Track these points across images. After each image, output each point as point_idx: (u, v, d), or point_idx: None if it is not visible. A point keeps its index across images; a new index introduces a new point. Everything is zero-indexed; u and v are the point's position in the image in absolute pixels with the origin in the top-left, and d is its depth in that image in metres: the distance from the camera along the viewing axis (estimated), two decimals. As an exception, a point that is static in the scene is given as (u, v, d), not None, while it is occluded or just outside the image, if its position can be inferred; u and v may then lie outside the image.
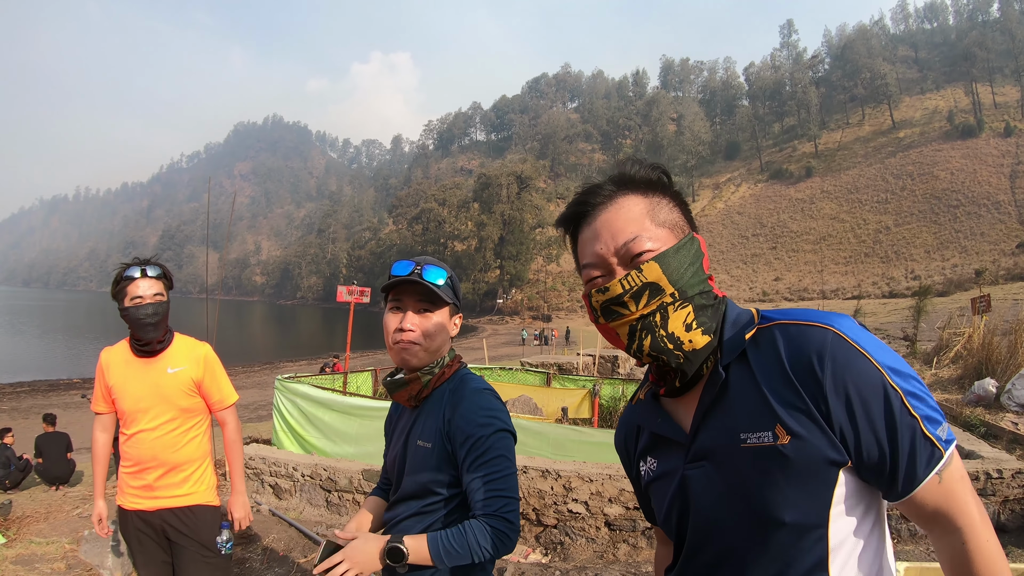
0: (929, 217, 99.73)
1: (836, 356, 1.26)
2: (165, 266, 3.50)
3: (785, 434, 1.28)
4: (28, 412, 18.24)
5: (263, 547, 6.43)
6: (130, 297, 3.30)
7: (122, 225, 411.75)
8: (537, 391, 13.02)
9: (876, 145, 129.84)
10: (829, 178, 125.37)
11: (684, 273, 1.36)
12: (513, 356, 33.87)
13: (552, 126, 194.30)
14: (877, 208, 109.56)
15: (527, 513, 6.70)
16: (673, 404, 1.51)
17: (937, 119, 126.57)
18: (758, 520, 1.31)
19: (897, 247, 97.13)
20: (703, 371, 1.42)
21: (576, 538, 6.49)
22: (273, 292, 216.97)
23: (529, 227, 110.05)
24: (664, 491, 1.51)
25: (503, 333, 76.24)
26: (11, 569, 5.63)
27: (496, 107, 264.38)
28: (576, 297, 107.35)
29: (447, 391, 2.21)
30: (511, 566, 5.61)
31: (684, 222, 1.45)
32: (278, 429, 9.99)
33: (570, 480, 6.56)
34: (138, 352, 3.45)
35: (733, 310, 1.46)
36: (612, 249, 1.40)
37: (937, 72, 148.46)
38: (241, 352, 49.94)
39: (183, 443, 3.49)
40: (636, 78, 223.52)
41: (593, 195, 1.47)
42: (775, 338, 1.35)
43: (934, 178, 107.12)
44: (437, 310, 2.18)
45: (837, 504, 1.29)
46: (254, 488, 8.19)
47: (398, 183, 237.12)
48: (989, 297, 15.19)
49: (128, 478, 3.47)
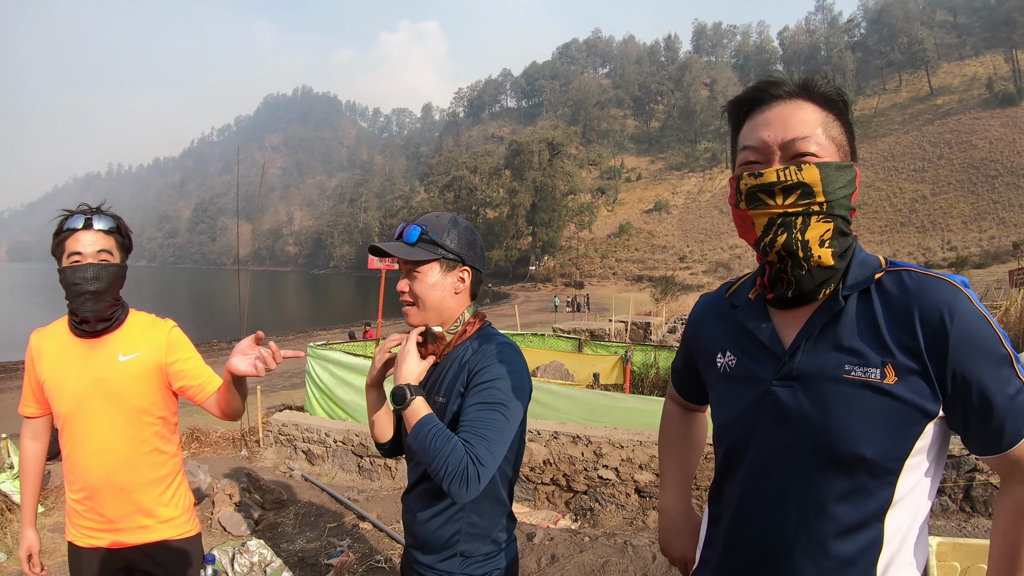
0: (967, 187, 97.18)
1: (966, 313, 1.27)
2: (121, 220, 2.62)
3: (893, 374, 1.29)
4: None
5: (295, 512, 6.47)
6: (68, 253, 2.44)
7: (155, 200, 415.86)
8: (569, 357, 13.02)
9: (913, 112, 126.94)
10: (865, 145, 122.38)
11: (838, 191, 1.36)
12: (545, 323, 33.87)
13: (583, 92, 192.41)
14: (914, 177, 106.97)
15: (557, 479, 6.69)
16: (778, 314, 1.50)
17: (976, 86, 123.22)
18: (836, 453, 1.32)
19: (934, 217, 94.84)
20: (819, 294, 1.42)
21: (606, 504, 6.47)
22: (306, 262, 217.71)
23: (561, 194, 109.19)
24: (739, 395, 1.52)
25: (535, 300, 76.17)
26: (49, 536, 5.70)
27: (526, 74, 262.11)
28: (609, 264, 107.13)
29: (468, 348, 2.15)
30: (540, 532, 5.59)
31: (850, 149, 1.44)
32: (311, 396, 10.06)
33: (600, 446, 6.53)
34: (78, 332, 2.55)
35: (862, 251, 1.46)
36: (779, 139, 1.40)
37: (976, 38, 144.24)
38: (276, 322, 50.57)
39: (144, 457, 2.60)
40: (668, 43, 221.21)
41: (775, 86, 1.45)
42: (905, 282, 1.35)
43: (972, 147, 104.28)
44: (424, 267, 2.10)
45: (915, 455, 1.32)
46: (288, 454, 8.26)
47: (429, 151, 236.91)
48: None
49: (77, 507, 2.59)
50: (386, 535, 5.84)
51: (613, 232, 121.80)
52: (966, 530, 5.50)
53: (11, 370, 25.74)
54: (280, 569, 4.95)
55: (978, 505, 5.71)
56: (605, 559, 5.02)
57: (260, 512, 6.39)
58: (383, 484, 7.45)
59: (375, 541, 5.66)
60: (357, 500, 6.80)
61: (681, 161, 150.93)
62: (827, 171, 1.35)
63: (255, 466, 8.05)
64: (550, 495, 6.78)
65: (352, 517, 6.30)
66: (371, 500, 6.87)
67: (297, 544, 5.75)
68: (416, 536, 2.18)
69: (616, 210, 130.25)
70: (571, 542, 5.37)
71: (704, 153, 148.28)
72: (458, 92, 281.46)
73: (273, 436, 8.52)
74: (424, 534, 2.14)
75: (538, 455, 6.74)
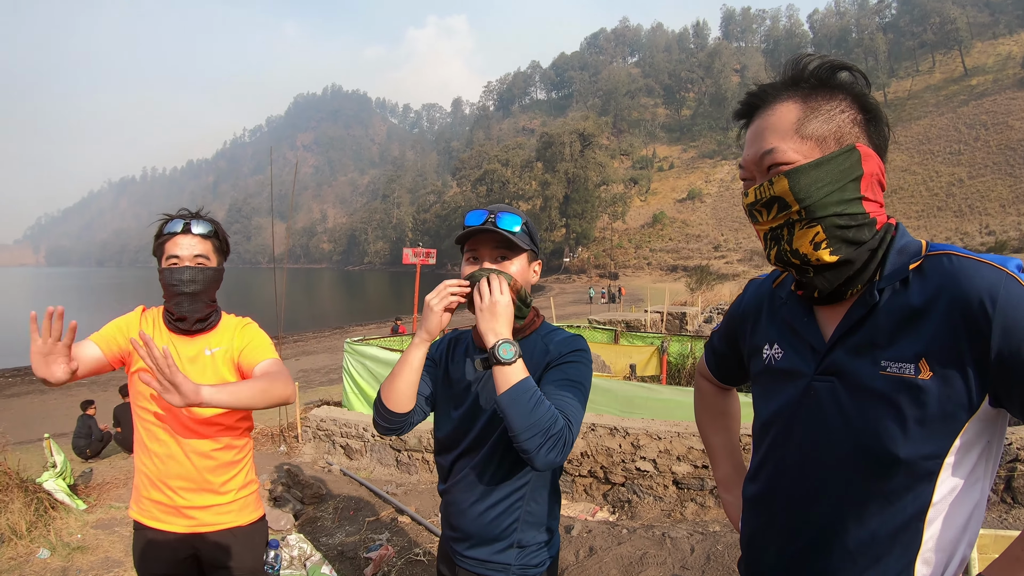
0: (1004, 169, 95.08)
1: (1012, 298, 1.18)
2: (219, 223, 2.75)
3: (928, 369, 1.23)
4: (107, 384, 18.72)
5: (334, 506, 6.50)
6: (167, 256, 2.58)
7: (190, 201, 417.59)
8: (605, 348, 12.95)
9: (947, 93, 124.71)
10: (899, 128, 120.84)
11: (818, 191, 1.30)
12: (581, 314, 33.79)
13: (613, 82, 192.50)
14: (950, 160, 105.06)
15: (595, 471, 6.67)
16: (820, 309, 1.46)
17: (1011, 65, 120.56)
18: (872, 452, 1.28)
19: (971, 201, 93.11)
20: (852, 288, 1.37)
21: (644, 496, 6.44)
22: (340, 259, 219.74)
23: (594, 185, 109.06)
24: (782, 388, 1.49)
25: (570, 292, 75.99)
26: (91, 533, 5.80)
27: (555, 65, 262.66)
28: (643, 254, 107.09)
29: (539, 339, 2.14)
30: (578, 524, 5.57)
31: (848, 131, 1.34)
32: (348, 391, 10.12)
33: (638, 438, 6.50)
34: (174, 328, 2.66)
35: (902, 237, 1.38)
36: (755, 157, 1.38)
37: (1010, 16, 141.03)
38: (312, 319, 50.75)
39: (222, 451, 2.68)
40: (697, 29, 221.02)
41: (757, 96, 1.43)
42: (944, 267, 1.27)
43: (1009, 128, 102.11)
44: (515, 257, 2.10)
45: (954, 452, 1.26)
46: (326, 449, 8.31)
47: (460, 146, 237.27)
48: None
49: (148, 489, 2.64)
50: (424, 528, 5.84)
51: (647, 222, 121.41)
52: (1007, 522, 5.40)
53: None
54: (320, 563, 4.98)
55: (1019, 496, 5.60)
56: (643, 551, 4.99)
57: (300, 507, 6.43)
58: (421, 478, 7.48)
59: (414, 534, 5.67)
60: (395, 494, 6.82)
61: (713, 149, 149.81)
62: (796, 177, 1.30)
63: (294, 461, 8.11)
64: (588, 487, 6.76)
65: (390, 511, 6.32)
66: (409, 494, 6.88)
67: (336, 538, 5.77)
68: (463, 529, 2.12)
69: (649, 200, 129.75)
70: (609, 534, 5.34)
71: (737, 140, 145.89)
72: (487, 86, 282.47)
73: (311, 431, 8.58)
74: (476, 527, 2.09)
75: (575, 447, 6.72)
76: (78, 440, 10.11)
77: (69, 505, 6.28)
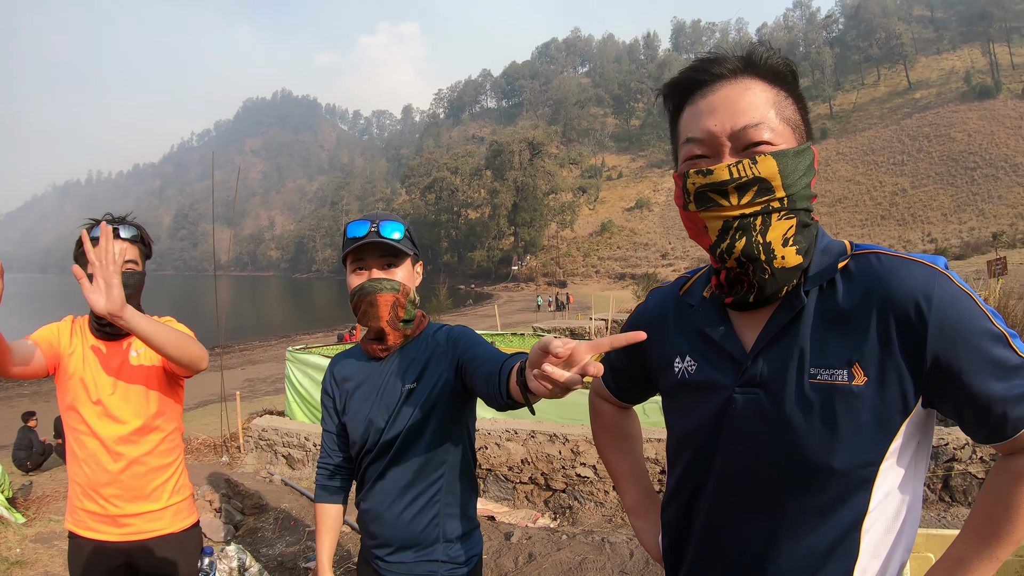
0: (946, 179, 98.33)
1: (947, 296, 1.14)
2: (143, 228, 2.69)
3: (862, 375, 1.18)
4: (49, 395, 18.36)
5: (275, 516, 6.48)
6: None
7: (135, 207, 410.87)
8: (549, 357, 13.01)
9: (892, 106, 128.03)
10: (844, 140, 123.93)
11: (799, 181, 1.23)
12: (528, 322, 33.85)
13: (563, 91, 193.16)
14: (893, 170, 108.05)
15: (536, 478, 6.72)
16: (737, 315, 1.38)
17: (954, 80, 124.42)
18: (804, 465, 1.21)
19: (914, 209, 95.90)
20: (780, 293, 1.28)
21: (585, 502, 6.51)
22: (288, 266, 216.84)
23: (542, 193, 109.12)
24: (699, 404, 1.39)
25: (518, 300, 76.19)
26: (31, 547, 5.71)
27: (506, 74, 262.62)
28: (591, 262, 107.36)
29: (429, 337, 2.22)
30: (518, 531, 5.63)
31: (804, 128, 1.31)
32: (290, 400, 10.05)
33: (578, 444, 6.58)
34: (99, 333, 2.62)
35: (824, 237, 1.33)
36: (728, 128, 1.24)
37: (953, 32, 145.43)
38: (258, 327, 50.29)
39: (152, 456, 2.65)
40: (647, 41, 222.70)
41: (716, 64, 1.29)
42: (873, 267, 1.23)
43: (951, 139, 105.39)
44: (401, 263, 2.16)
45: (890, 457, 1.21)
46: (268, 459, 8.27)
47: (410, 153, 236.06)
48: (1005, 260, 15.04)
49: (81, 499, 2.61)
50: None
51: (595, 230, 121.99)
52: (945, 520, 5.56)
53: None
54: (259, 573, 4.96)
55: (957, 495, 5.76)
56: (582, 557, 5.06)
57: (240, 517, 6.40)
58: (363, 487, 7.46)
59: (352, 544, 5.66)
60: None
61: (662, 158, 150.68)
62: (785, 161, 1.21)
63: (236, 472, 8.05)
64: (529, 494, 6.82)
65: (331, 520, 6.30)
66: (349, 503, 6.86)
67: (276, 548, 5.77)
68: (384, 535, 2.13)
69: (598, 208, 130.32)
70: (549, 540, 5.40)
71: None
72: (438, 93, 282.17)
73: (253, 441, 8.52)
74: (396, 529, 2.11)
75: (516, 454, 6.78)
76: (18, 452, 9.90)
77: (7, 519, 6.18)
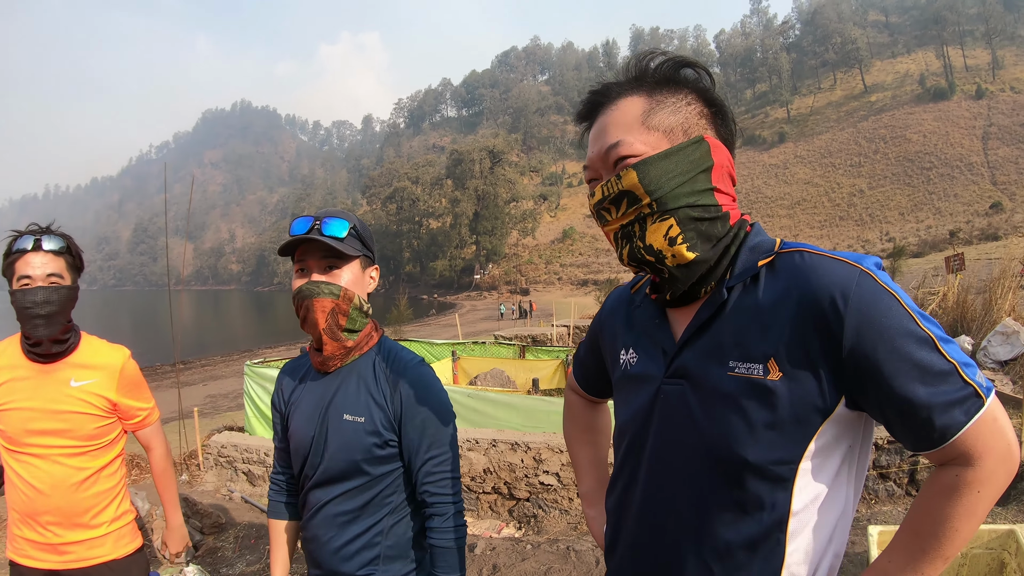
0: (903, 179, 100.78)
1: (865, 295, 1.14)
2: (72, 239, 2.56)
3: (777, 370, 1.19)
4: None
5: (235, 535, 6.36)
6: (17, 276, 2.39)
7: (94, 221, 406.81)
8: (509, 364, 12.97)
9: (848, 109, 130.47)
10: (802, 143, 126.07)
11: (670, 182, 1.26)
12: (490, 331, 33.85)
13: (523, 100, 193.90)
14: (851, 172, 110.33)
15: (499, 487, 6.67)
16: (672, 311, 1.42)
17: (908, 82, 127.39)
18: (721, 456, 1.24)
19: (871, 210, 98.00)
20: (704, 289, 1.33)
21: (549, 510, 6.47)
22: (250, 279, 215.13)
23: (503, 201, 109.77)
24: (635, 394, 1.44)
25: (481, 309, 76.29)
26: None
27: (466, 83, 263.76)
28: (553, 269, 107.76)
29: (375, 360, 2.07)
30: (482, 542, 5.56)
31: (695, 123, 1.32)
32: (250, 415, 9.90)
33: (540, 452, 6.54)
34: (31, 356, 2.50)
35: (757, 235, 1.34)
36: (600, 154, 1.33)
37: (908, 36, 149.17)
38: (220, 342, 49.64)
39: (91, 483, 2.56)
40: (606, 48, 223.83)
41: (600, 94, 1.39)
42: (794, 266, 1.24)
43: (907, 141, 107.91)
44: (345, 265, 2.01)
45: (809, 458, 1.21)
46: (228, 476, 8.12)
47: (370, 163, 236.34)
48: (963, 255, 15.12)
49: (19, 526, 2.54)
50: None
51: (557, 238, 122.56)
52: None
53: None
54: (216, 594, 4.87)
55: (923, 489, 5.80)
56: (548, 566, 5.01)
57: (199, 537, 6.27)
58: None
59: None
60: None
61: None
62: (645, 168, 1.25)
63: (195, 490, 7.90)
64: (492, 504, 6.76)
65: (292, 537, 6.20)
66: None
67: (236, 568, 5.66)
68: (325, 566, 2.04)
69: (559, 215, 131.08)
70: (513, 551, 5.34)
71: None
72: (398, 103, 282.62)
73: (213, 458, 8.36)
74: (335, 562, 2.01)
75: (478, 464, 6.72)
76: (-39, 478, 9.65)
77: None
